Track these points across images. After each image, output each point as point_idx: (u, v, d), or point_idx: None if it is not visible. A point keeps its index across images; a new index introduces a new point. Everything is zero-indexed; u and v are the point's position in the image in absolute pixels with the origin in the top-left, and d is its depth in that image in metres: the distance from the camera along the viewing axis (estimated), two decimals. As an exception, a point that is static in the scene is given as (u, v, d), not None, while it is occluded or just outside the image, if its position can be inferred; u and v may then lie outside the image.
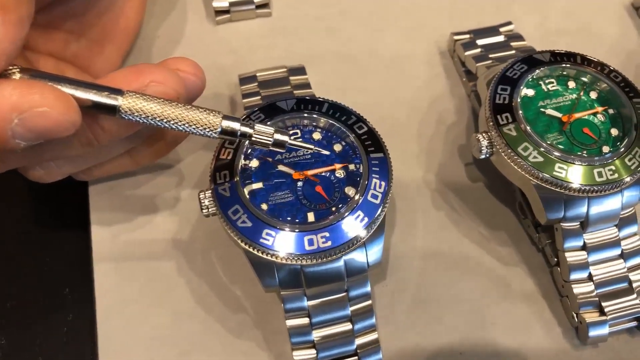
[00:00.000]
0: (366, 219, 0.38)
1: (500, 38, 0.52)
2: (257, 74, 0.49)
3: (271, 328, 0.44)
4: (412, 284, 0.45)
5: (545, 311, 0.45)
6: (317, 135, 0.43)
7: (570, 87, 0.46)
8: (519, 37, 0.52)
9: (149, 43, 0.55)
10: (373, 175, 0.40)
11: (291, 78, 0.49)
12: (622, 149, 0.42)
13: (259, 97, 0.47)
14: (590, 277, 0.43)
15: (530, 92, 0.45)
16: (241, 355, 0.43)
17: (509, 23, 0.53)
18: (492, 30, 0.53)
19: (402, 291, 0.45)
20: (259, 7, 0.57)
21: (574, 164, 0.41)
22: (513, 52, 0.50)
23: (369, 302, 0.41)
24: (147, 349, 0.43)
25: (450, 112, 0.52)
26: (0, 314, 0.45)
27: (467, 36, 0.53)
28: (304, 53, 0.55)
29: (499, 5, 0.58)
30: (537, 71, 0.45)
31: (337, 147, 0.42)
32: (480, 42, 0.52)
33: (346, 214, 0.39)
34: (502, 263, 0.46)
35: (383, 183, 0.40)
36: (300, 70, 0.49)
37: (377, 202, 0.39)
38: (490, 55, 0.50)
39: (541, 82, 0.46)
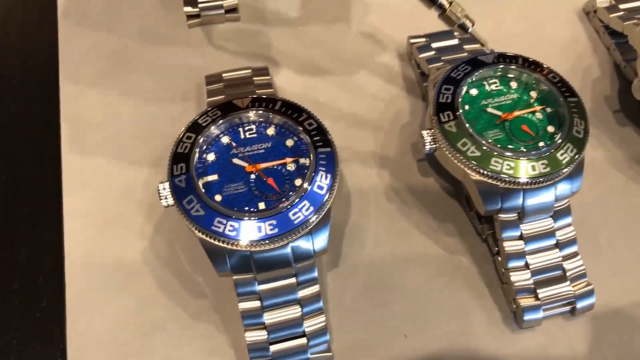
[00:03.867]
0: (311, 209, 0.41)
1: (454, 41, 0.55)
2: (223, 74, 0.52)
3: (229, 313, 0.47)
4: (362, 271, 0.48)
5: (487, 298, 0.48)
6: (271, 131, 0.46)
7: (512, 87, 0.49)
8: (473, 40, 0.55)
9: (123, 45, 0.58)
10: (320, 168, 0.43)
11: (255, 78, 0.51)
12: (555, 145, 0.45)
13: (222, 97, 0.49)
14: (527, 265, 0.46)
15: (474, 92, 0.48)
16: (200, 338, 0.46)
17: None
18: (448, 34, 0.56)
19: (352, 277, 0.48)
20: (228, 12, 0.60)
21: (509, 158, 0.44)
22: (465, 54, 0.53)
23: (317, 286, 0.43)
24: (111, 330, 0.46)
25: (405, 112, 0.55)
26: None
27: (423, 40, 0.56)
28: (270, 55, 0.58)
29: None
30: (478, 72, 0.48)
31: (290, 142, 0.45)
32: (434, 45, 0.55)
33: (293, 204, 0.41)
34: (448, 252, 0.49)
35: (329, 175, 0.43)
36: (264, 71, 0.52)
37: (323, 192, 0.42)
38: (443, 58, 0.53)
39: (485, 82, 0.49)
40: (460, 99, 0.46)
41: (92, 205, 0.51)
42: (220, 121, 0.45)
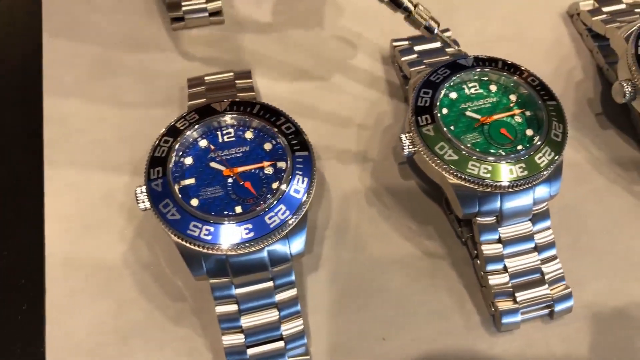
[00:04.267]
0: (287, 212, 0.41)
1: (437, 44, 0.55)
2: (205, 78, 0.52)
3: (208, 316, 0.47)
4: (342, 273, 0.48)
5: (466, 300, 0.48)
6: (249, 135, 0.46)
7: (492, 90, 0.49)
8: (455, 43, 0.55)
9: (107, 50, 0.58)
10: (297, 172, 0.43)
11: (237, 81, 0.51)
12: (534, 148, 0.45)
13: (204, 100, 0.50)
14: (505, 269, 0.46)
15: (454, 95, 0.48)
16: (179, 340, 0.46)
17: (447, 30, 0.56)
18: (430, 37, 0.56)
19: (332, 280, 0.48)
20: (212, 15, 0.60)
21: (487, 161, 0.44)
22: (447, 57, 0.53)
23: (294, 290, 0.43)
24: (91, 333, 0.46)
25: (387, 115, 0.55)
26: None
27: (406, 43, 0.56)
28: (254, 58, 0.58)
29: (443, 13, 0.61)
30: (457, 76, 0.48)
31: (268, 146, 0.45)
32: (417, 48, 0.55)
33: (269, 207, 0.41)
34: (428, 255, 0.49)
35: (306, 179, 0.43)
36: (246, 74, 0.52)
37: (299, 196, 0.42)
38: (425, 61, 0.53)
39: (464, 86, 0.49)
40: (438, 103, 0.46)
41: (74, 208, 0.51)
42: (198, 125, 0.45)
